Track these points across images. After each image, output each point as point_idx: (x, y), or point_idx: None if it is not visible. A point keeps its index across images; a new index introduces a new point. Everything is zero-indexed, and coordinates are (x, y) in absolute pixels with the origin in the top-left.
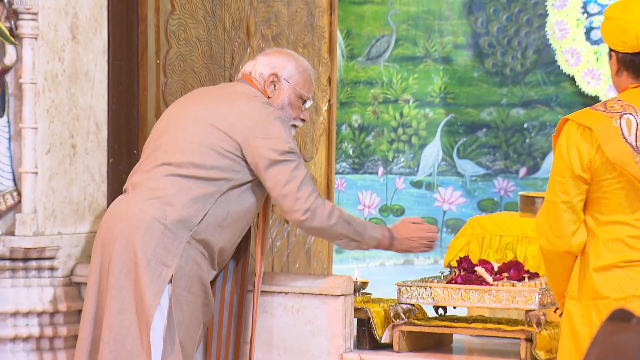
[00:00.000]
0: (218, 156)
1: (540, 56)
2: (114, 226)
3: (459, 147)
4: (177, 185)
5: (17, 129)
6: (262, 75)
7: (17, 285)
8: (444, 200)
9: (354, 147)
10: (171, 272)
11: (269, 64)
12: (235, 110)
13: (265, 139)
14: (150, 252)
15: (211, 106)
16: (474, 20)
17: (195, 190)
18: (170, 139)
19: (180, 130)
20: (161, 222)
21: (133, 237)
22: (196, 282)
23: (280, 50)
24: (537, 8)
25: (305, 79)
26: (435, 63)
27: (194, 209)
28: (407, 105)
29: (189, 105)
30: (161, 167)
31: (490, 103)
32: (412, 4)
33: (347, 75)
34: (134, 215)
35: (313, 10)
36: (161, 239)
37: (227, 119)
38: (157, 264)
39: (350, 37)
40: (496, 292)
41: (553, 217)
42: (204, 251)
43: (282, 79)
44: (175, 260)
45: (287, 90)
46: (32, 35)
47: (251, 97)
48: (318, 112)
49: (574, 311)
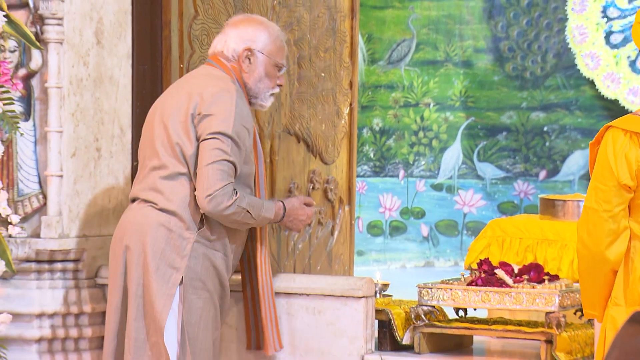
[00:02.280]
0: (188, 146)
1: (560, 60)
2: (124, 237)
3: (479, 150)
4: (168, 187)
5: (42, 133)
6: (235, 51)
7: (43, 287)
8: (465, 203)
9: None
10: (180, 275)
11: (241, 37)
12: (191, 94)
13: (209, 116)
14: (159, 257)
15: (171, 100)
16: (494, 24)
17: (186, 187)
18: (148, 144)
19: (153, 132)
20: (165, 225)
21: (142, 244)
22: (210, 277)
23: (249, 19)
24: (557, 12)
25: (279, 47)
26: (456, 67)
27: (191, 205)
28: (428, 108)
29: (156, 107)
30: (150, 173)
31: (511, 106)
32: (433, 9)
33: (369, 79)
34: (140, 224)
35: (335, 14)
36: (168, 242)
37: (183, 106)
38: (165, 268)
39: (372, 41)
40: (516, 294)
41: (592, 223)
42: (215, 244)
43: (256, 52)
44: (184, 262)
45: (262, 62)
46: (57, 40)
47: (207, 77)
48: (340, 116)
49: (619, 318)
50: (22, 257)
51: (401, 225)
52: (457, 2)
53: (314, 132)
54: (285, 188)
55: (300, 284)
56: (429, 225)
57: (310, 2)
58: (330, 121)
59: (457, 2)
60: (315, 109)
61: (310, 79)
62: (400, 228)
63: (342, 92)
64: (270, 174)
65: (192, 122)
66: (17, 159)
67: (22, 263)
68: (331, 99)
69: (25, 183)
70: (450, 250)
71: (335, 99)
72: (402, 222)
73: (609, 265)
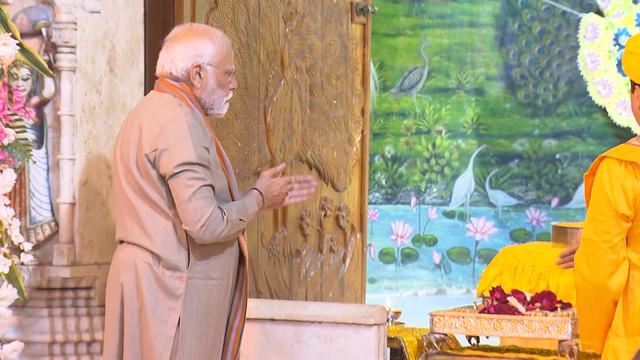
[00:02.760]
0: (152, 183)
1: (572, 87)
2: (119, 277)
3: (491, 177)
4: (147, 229)
5: (55, 160)
6: (184, 70)
7: (55, 315)
8: (477, 230)
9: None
10: (177, 315)
11: (186, 54)
12: (143, 129)
13: (165, 150)
14: (154, 300)
15: (127, 138)
16: (506, 52)
17: (163, 227)
18: (116, 184)
19: (118, 173)
20: (154, 269)
21: (137, 287)
22: (208, 314)
23: (191, 31)
24: (569, 40)
25: (226, 54)
26: (468, 94)
27: (174, 244)
28: (440, 136)
29: (116, 143)
30: (126, 215)
31: (522, 134)
32: (445, 36)
33: (380, 106)
34: (132, 267)
35: (346, 42)
36: (162, 285)
37: (135, 146)
38: (162, 310)
39: (383, 69)
40: (529, 322)
41: (592, 255)
42: (208, 274)
43: (205, 66)
44: (180, 302)
45: (212, 74)
46: (70, 68)
47: (155, 107)
48: (351, 143)
49: (620, 349)
50: (34, 284)
51: (413, 253)
52: (469, 30)
53: (325, 159)
54: (297, 215)
55: (312, 312)
56: (441, 252)
57: (322, 30)
58: (342, 148)
59: (468, 30)
60: (327, 136)
61: (322, 106)
62: (412, 255)
63: (354, 120)
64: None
65: (148, 161)
66: (30, 186)
67: (34, 291)
68: (343, 126)
69: (38, 211)
70: (462, 278)
71: (347, 126)
72: (414, 250)
73: (610, 296)
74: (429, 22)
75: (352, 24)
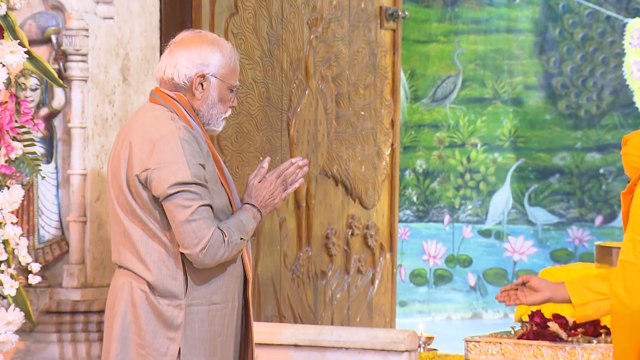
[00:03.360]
0: (145, 206)
1: (617, 97)
2: (113, 307)
3: (530, 193)
4: (142, 255)
5: (65, 176)
6: (187, 77)
7: (64, 340)
8: (515, 250)
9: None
10: (177, 346)
11: (192, 62)
12: (133, 150)
13: (157, 169)
14: (152, 330)
15: (118, 157)
16: (546, 59)
17: (158, 252)
18: (112, 210)
19: (109, 192)
20: (152, 298)
21: (133, 318)
22: (210, 341)
23: (200, 38)
24: (614, 47)
25: (232, 68)
26: (505, 105)
27: (170, 270)
28: (475, 149)
29: (109, 164)
30: (120, 240)
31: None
32: (480, 43)
33: (411, 117)
34: (129, 295)
35: (375, 49)
36: (159, 315)
37: (125, 166)
38: (160, 342)
39: (415, 78)
40: (571, 348)
41: (630, 278)
42: (210, 299)
43: (209, 77)
44: (179, 332)
45: (216, 87)
46: (81, 77)
47: (151, 123)
48: (380, 157)
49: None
50: (42, 308)
51: (446, 274)
52: (506, 36)
53: (353, 174)
54: (322, 234)
55: (338, 337)
56: (476, 274)
57: (350, 37)
58: (370, 162)
59: (506, 36)
60: (354, 150)
61: (349, 117)
62: (446, 277)
63: (383, 132)
64: (306, 219)
65: (139, 182)
66: (38, 203)
67: (43, 315)
68: (371, 139)
69: (47, 229)
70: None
71: (376, 138)
72: (448, 271)
73: None
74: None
75: (381, 30)
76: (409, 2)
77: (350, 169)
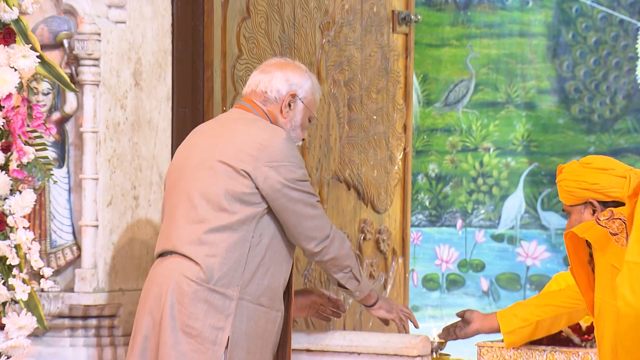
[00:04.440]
0: (234, 195)
1: (631, 102)
2: (159, 295)
3: (543, 198)
4: (207, 243)
5: (77, 180)
6: (279, 93)
7: (77, 345)
8: (527, 255)
9: (430, 198)
10: (227, 335)
11: (287, 81)
12: (238, 140)
13: (273, 166)
14: (202, 320)
15: (211, 144)
16: (559, 63)
17: (227, 242)
18: (183, 193)
19: (189, 180)
20: (206, 286)
21: (182, 306)
22: (255, 340)
23: (293, 64)
24: (627, 51)
25: (316, 100)
26: (518, 109)
27: (233, 261)
28: (488, 153)
29: (191, 150)
30: (185, 227)
31: (577, 151)
32: (493, 47)
33: (424, 122)
34: (178, 284)
35: (387, 53)
36: (210, 304)
37: (231, 151)
38: (210, 330)
39: (427, 82)
40: (584, 354)
41: (636, 279)
42: (259, 299)
43: (298, 99)
44: (229, 321)
45: (301, 111)
46: (93, 81)
47: (251, 121)
48: (393, 161)
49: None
50: (54, 312)
51: (459, 279)
52: (519, 40)
53: (365, 179)
54: None
55: (350, 342)
56: (489, 278)
57: (362, 41)
58: (382, 167)
59: (519, 40)
60: (366, 154)
61: (362, 122)
62: (458, 282)
63: (396, 136)
64: None
65: (248, 175)
66: (50, 208)
67: (55, 319)
68: (384, 143)
69: (59, 234)
70: None
71: (388, 143)
72: (460, 276)
73: None
74: (476, 31)
75: (394, 34)
76: (421, 6)
77: (362, 173)
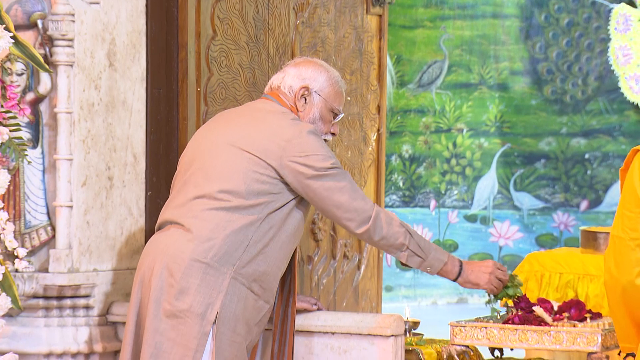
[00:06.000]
0: (253, 181)
1: (603, 83)
2: (152, 266)
3: (516, 179)
4: (214, 219)
5: (51, 161)
6: (292, 89)
7: (51, 325)
8: (500, 235)
9: (404, 179)
10: (216, 311)
11: (299, 76)
12: (264, 131)
13: (302, 157)
14: (193, 294)
15: (238, 129)
16: (531, 45)
17: (234, 222)
18: (200, 170)
19: (208, 159)
20: (202, 260)
21: (173, 279)
22: (241, 322)
23: (310, 61)
24: (599, 32)
25: (337, 92)
26: (491, 90)
27: (235, 241)
28: (461, 134)
29: (214, 131)
30: (194, 201)
31: (549, 132)
32: (466, 29)
33: (397, 103)
34: (173, 256)
35: (361, 35)
36: (203, 278)
37: (257, 140)
38: (199, 305)
39: (401, 63)
40: (556, 333)
41: (619, 253)
42: (251, 285)
43: (313, 92)
44: (220, 298)
45: (318, 104)
46: (67, 62)
47: (279, 114)
48: (366, 142)
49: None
50: (29, 293)
51: None
52: (492, 22)
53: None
54: (309, 219)
55: (324, 322)
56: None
57: (336, 22)
58: (356, 148)
59: (492, 22)
60: (340, 135)
61: None
62: None
63: (369, 117)
64: None
65: (273, 169)
66: (24, 188)
67: (29, 299)
68: (357, 124)
69: (33, 214)
70: None
71: (362, 124)
72: None
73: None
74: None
75: (368, 15)
76: None
77: (336, 154)
